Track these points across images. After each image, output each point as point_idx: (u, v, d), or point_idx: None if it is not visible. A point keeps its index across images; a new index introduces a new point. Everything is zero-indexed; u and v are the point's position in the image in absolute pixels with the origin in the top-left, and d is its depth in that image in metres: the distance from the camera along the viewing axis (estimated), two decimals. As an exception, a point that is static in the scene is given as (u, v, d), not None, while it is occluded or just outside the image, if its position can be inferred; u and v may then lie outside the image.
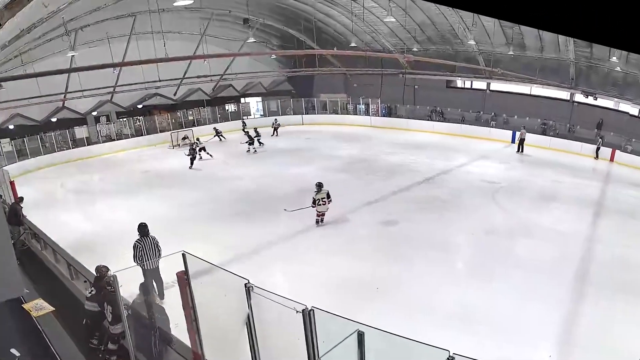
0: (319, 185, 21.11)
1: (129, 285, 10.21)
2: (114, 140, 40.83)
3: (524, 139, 38.03)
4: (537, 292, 15.89)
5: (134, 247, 14.38)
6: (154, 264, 13.67)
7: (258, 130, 33.56)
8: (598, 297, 15.77)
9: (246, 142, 32.22)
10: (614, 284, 16.74)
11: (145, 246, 14.35)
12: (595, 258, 19.22)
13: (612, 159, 37.07)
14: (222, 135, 41.90)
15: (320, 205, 20.95)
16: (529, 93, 45.42)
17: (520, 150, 38.01)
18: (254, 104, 53.67)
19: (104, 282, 11.08)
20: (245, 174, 31.28)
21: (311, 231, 21.50)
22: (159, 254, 14.11)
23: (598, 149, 37.17)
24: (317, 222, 21.51)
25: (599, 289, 16.39)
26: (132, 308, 10.16)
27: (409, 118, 48.72)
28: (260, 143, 31.08)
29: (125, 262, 12.85)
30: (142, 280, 10.44)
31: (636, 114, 39.24)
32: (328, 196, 21.12)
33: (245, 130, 32.32)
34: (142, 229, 14.68)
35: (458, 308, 14.70)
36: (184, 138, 40.35)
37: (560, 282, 16.77)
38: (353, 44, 44.98)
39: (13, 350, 9.54)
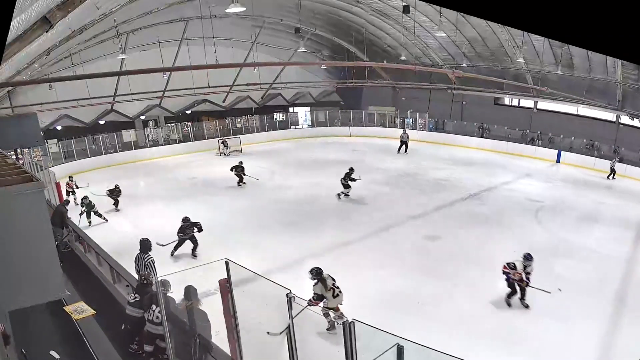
0: (318, 273, 13.65)
1: (175, 290, 10.36)
2: (161, 145, 41.13)
3: (613, 168, 37.19)
4: (577, 313, 15.70)
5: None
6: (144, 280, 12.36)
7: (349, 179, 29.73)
8: (637, 318, 15.53)
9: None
10: None
11: (138, 263, 14.57)
12: (635, 280, 19.06)
13: None
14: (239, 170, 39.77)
15: (336, 297, 13.37)
16: (575, 113, 44.97)
17: (613, 177, 37.13)
18: (302, 114, 53.79)
19: (149, 286, 11.20)
20: (292, 184, 31.28)
21: (355, 244, 21.37)
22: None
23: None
24: (331, 326, 12.89)
25: (638, 311, 16.18)
26: (174, 313, 10.22)
27: (456, 134, 48.50)
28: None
29: (169, 267, 13.42)
30: (184, 285, 10.26)
31: (681, 137, 38.93)
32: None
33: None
34: (141, 244, 14.87)
35: (499, 327, 14.67)
36: (223, 143, 40.47)
37: (600, 304, 16.61)
38: (403, 57, 44.68)
39: (53, 353, 9.55)
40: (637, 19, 1.20)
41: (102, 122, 39.96)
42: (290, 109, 53.29)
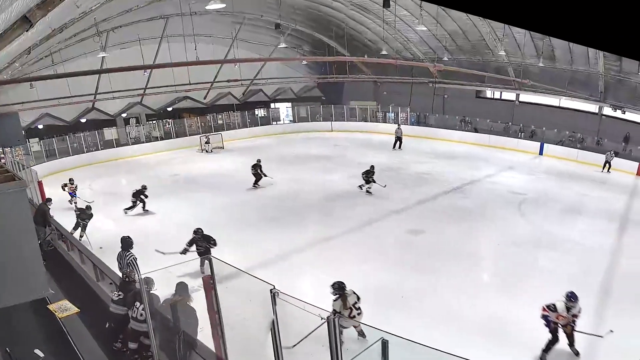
0: (341, 288, 12.52)
1: (159, 288, 10.34)
2: (142, 142, 41.18)
3: (609, 161, 37.57)
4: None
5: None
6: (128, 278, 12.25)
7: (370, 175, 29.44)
8: (622, 311, 15.63)
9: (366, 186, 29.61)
10: (637, 298, 16.70)
11: (120, 260, 14.61)
12: (619, 272, 19.16)
13: (638, 173, 37.10)
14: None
15: (352, 318, 12.16)
16: (557, 105, 45.39)
17: (608, 171, 37.50)
18: (284, 109, 53.99)
19: (132, 284, 11.25)
20: (273, 180, 30.88)
21: (338, 238, 21.42)
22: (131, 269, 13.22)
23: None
24: (360, 333, 12.18)
25: (622, 303, 16.32)
26: (159, 310, 10.24)
27: (438, 127, 48.71)
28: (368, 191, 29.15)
29: (154, 263, 12.91)
30: (172, 283, 10.32)
31: (664, 129, 39.18)
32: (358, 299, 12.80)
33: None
34: (123, 242, 14.92)
35: (483, 319, 14.69)
36: (205, 140, 40.40)
37: (584, 295, 15.14)
38: (384, 52, 44.76)
39: (37, 351, 9.46)
40: (618, 10, 1.23)
41: (83, 120, 39.90)
42: (272, 105, 53.35)
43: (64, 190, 25.79)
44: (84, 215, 20.89)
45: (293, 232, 21.90)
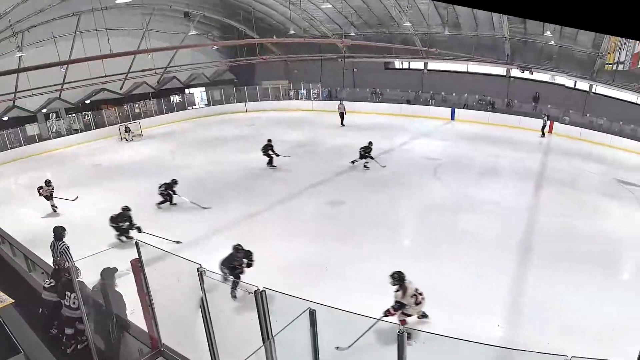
0: (401, 278, 12.55)
1: (88, 275, 10.75)
2: (64, 135, 41.16)
3: (545, 125, 39.01)
4: (483, 265, 16.54)
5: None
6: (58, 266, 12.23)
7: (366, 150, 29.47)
8: (542, 266, 16.55)
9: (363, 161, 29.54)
10: (556, 253, 17.62)
11: (53, 249, 14.65)
12: (537, 229, 20.19)
13: (550, 131, 38.70)
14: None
15: (418, 304, 12.45)
16: (465, 71, 46.84)
17: (543, 135, 38.78)
18: (198, 94, 54.30)
19: (62, 272, 11.37)
20: (194, 163, 31.49)
21: (260, 215, 21.92)
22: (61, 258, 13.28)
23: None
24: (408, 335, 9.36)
25: (542, 258, 17.21)
26: (91, 296, 10.33)
27: (350, 100, 48.99)
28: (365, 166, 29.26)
29: (83, 252, 13.31)
30: (99, 269, 10.27)
31: (572, 86, 41.03)
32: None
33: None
34: (55, 232, 14.86)
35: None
36: (125, 129, 41.07)
37: (505, 254, 17.50)
38: (292, 32, 45.39)
39: None
40: None
41: (5, 118, 39.93)
42: (186, 91, 53.61)
43: (40, 194, 23.34)
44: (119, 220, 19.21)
45: (216, 212, 22.16)
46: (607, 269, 16.60)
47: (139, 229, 18.57)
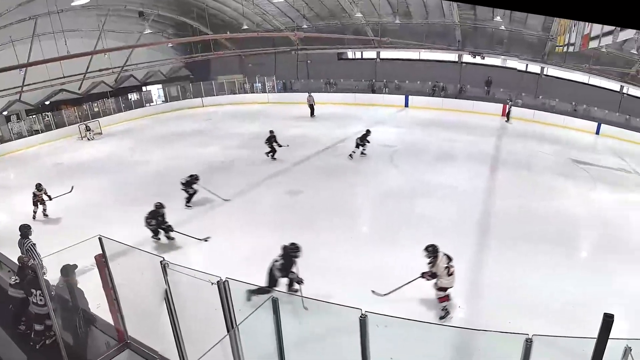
0: (435, 251, 13.27)
1: (53, 272, 10.69)
2: (25, 136, 41.33)
3: (510, 110, 39.96)
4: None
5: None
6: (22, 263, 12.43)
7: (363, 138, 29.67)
8: (500, 248, 17.07)
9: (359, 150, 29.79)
10: (514, 234, 18.28)
11: (20, 247, 14.87)
12: (494, 211, 20.85)
13: (503, 114, 39.91)
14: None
15: (450, 275, 13.18)
16: (418, 58, 47.68)
17: (508, 120, 39.73)
18: (155, 91, 54.71)
19: (27, 270, 11.51)
20: (153, 159, 31.58)
21: (221, 207, 22.23)
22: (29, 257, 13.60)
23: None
24: (445, 312, 13.30)
25: (500, 240, 17.80)
26: (57, 292, 10.47)
27: (304, 92, 49.32)
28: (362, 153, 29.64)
29: (48, 249, 12.22)
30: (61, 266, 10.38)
31: (523, 69, 42.40)
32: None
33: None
34: (21, 230, 15.20)
35: (368, 269, 15.38)
36: (86, 128, 41.40)
37: (462, 237, 17.87)
38: (245, 27, 46.29)
39: None
40: None
41: None
42: (144, 88, 53.85)
43: (36, 201, 21.96)
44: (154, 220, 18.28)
45: (177, 206, 21.70)
46: (565, 248, 17.23)
47: (168, 228, 18.02)
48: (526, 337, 5.87)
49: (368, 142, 29.24)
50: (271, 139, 29.36)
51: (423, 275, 13.25)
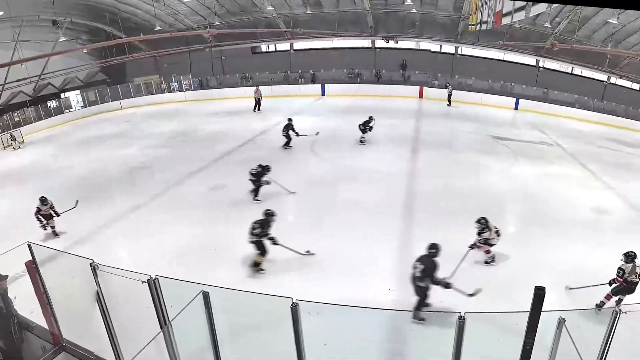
0: (485, 221, 15.33)
1: None
2: None
3: (450, 94, 40.95)
4: (370, 231, 17.24)
5: None
6: None
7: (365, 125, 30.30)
8: (428, 228, 17.27)
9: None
10: (440, 213, 18.95)
11: None
12: (420, 191, 21.64)
13: (420, 96, 42.14)
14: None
15: (500, 235, 15.39)
16: (331, 47, 49.54)
17: (449, 104, 40.74)
18: (74, 97, 54.43)
19: None
20: (74, 163, 30.58)
21: (145, 206, 22.07)
22: None
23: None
24: (491, 259, 15.69)
25: (427, 220, 18.36)
26: None
27: (220, 87, 51.56)
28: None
29: None
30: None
31: (437, 50, 44.58)
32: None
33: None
34: None
35: (296, 257, 15.63)
36: (12, 139, 41.33)
37: (389, 219, 18.53)
38: (158, 28, 47.44)
39: None
40: None
41: None
42: (62, 95, 53.50)
43: (42, 218, 19.50)
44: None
45: (101, 207, 21.79)
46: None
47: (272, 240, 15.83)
48: (459, 314, 6.35)
49: (371, 128, 29.82)
50: (288, 127, 29.57)
51: (473, 246, 15.11)
